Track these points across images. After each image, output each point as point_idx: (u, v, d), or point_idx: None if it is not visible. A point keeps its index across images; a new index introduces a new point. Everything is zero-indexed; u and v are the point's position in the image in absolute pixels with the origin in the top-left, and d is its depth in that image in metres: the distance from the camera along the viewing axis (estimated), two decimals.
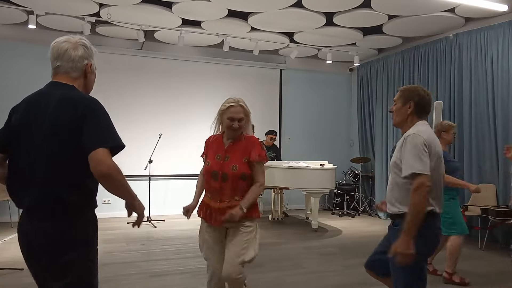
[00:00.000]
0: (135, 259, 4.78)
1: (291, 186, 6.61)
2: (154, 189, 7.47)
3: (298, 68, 9.04)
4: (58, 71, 1.82)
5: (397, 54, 7.90)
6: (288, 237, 6.15)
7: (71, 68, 1.81)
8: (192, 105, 8.17)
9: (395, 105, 2.45)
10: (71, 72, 1.81)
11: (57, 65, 1.81)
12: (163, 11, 6.11)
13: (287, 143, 8.81)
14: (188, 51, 8.13)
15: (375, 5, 5.80)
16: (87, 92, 1.89)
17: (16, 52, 7.08)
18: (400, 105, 2.40)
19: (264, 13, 6.16)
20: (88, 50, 1.86)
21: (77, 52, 1.82)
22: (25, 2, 5.85)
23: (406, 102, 2.38)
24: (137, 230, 6.48)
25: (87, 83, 1.88)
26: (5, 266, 4.20)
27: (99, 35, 7.41)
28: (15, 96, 8.02)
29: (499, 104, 5.87)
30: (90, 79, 1.88)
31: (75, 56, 1.81)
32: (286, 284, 3.99)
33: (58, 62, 1.80)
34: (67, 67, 1.80)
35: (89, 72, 1.86)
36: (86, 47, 1.85)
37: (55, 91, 1.76)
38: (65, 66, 1.80)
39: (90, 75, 1.88)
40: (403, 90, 2.44)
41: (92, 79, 1.90)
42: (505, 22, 5.86)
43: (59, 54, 1.80)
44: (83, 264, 1.72)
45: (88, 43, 1.88)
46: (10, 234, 5.98)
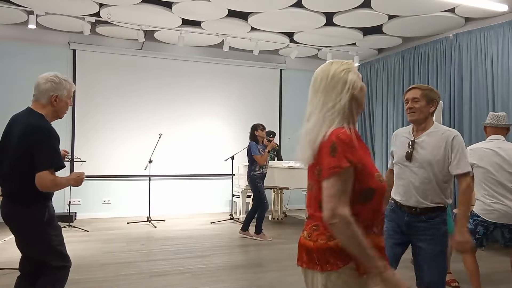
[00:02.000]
0: (135, 259, 4.78)
1: (291, 186, 6.61)
2: (154, 189, 7.47)
3: (298, 68, 9.04)
4: (34, 99, 2.46)
5: (397, 54, 7.90)
6: (288, 237, 6.15)
7: (40, 98, 2.43)
8: (192, 105, 8.17)
9: (417, 102, 2.48)
10: (40, 99, 2.43)
11: (34, 94, 2.45)
12: (163, 11, 6.11)
13: (287, 143, 8.80)
14: (188, 51, 8.13)
15: (375, 5, 5.80)
16: (59, 116, 2.51)
17: (16, 52, 7.08)
18: (425, 103, 2.48)
19: (264, 13, 6.16)
20: (56, 84, 2.42)
21: (45, 86, 2.41)
22: (25, 2, 5.85)
23: (430, 101, 2.49)
24: (137, 230, 6.49)
25: (57, 110, 2.47)
26: (5, 266, 4.21)
27: (99, 35, 7.41)
28: (15, 96, 8.05)
29: (499, 104, 5.87)
30: (58, 106, 2.45)
31: (43, 89, 2.41)
32: (286, 284, 3.99)
33: (34, 92, 2.45)
34: (38, 96, 2.44)
35: (54, 101, 2.43)
36: (54, 82, 2.42)
37: (25, 117, 2.40)
38: (37, 95, 2.44)
39: (58, 103, 2.45)
40: (427, 90, 2.52)
41: (61, 106, 2.46)
42: (505, 22, 5.86)
43: (35, 86, 2.44)
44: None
45: (59, 79, 2.44)
46: (10, 234, 5.96)
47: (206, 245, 5.53)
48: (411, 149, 2.48)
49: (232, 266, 4.58)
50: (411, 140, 2.52)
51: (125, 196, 7.59)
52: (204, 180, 8.27)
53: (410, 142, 2.51)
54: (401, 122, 7.64)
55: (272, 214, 7.52)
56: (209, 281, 4.04)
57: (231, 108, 8.53)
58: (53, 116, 2.47)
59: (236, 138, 8.30)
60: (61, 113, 2.51)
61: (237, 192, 7.61)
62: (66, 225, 6.12)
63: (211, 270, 4.42)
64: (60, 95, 2.44)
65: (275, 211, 7.52)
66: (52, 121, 2.47)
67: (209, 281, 4.05)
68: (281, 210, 7.57)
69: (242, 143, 7.90)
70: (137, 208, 7.59)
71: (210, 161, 8.16)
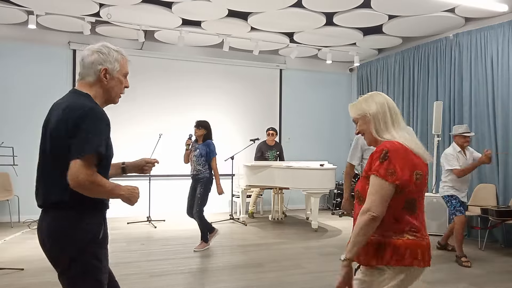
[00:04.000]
0: (135, 259, 4.78)
1: (291, 186, 6.60)
2: (154, 189, 7.47)
3: (298, 68, 9.04)
4: (79, 78, 1.89)
5: (397, 54, 7.90)
6: (288, 237, 6.15)
7: (86, 75, 1.86)
8: (192, 105, 8.17)
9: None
10: (86, 77, 1.86)
11: (79, 72, 1.89)
12: (163, 11, 6.11)
13: (287, 143, 8.80)
14: (188, 51, 8.13)
15: (375, 5, 5.80)
16: (112, 99, 1.93)
17: (16, 52, 7.08)
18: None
19: (264, 13, 6.16)
20: (103, 55, 1.84)
21: (91, 58, 1.84)
22: (25, 2, 5.85)
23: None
24: (137, 230, 6.49)
25: (108, 89, 1.88)
26: (5, 266, 4.20)
27: (99, 35, 7.40)
28: (15, 95, 8.04)
29: (499, 104, 5.87)
30: (109, 84, 1.87)
31: (89, 62, 1.84)
32: (286, 284, 3.99)
33: (80, 69, 1.89)
34: (83, 73, 1.86)
35: (103, 77, 1.85)
36: (101, 52, 1.85)
37: (66, 98, 1.84)
38: (82, 73, 1.87)
39: (109, 81, 1.86)
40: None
41: (112, 84, 1.88)
42: (505, 22, 5.86)
43: (80, 62, 1.89)
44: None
45: (107, 49, 1.87)
46: (10, 234, 5.98)
47: None
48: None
49: (232, 266, 4.58)
50: None
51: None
52: None
53: None
54: None
55: (272, 214, 7.52)
56: (209, 281, 4.04)
57: (231, 108, 8.53)
58: (104, 98, 1.88)
59: (236, 138, 8.30)
60: (114, 94, 1.91)
61: (237, 192, 7.61)
62: None
63: (211, 270, 4.42)
64: (111, 69, 1.85)
65: (275, 211, 7.51)
66: (104, 106, 1.91)
67: (209, 281, 4.05)
68: (281, 210, 7.56)
69: (242, 143, 7.90)
70: (137, 208, 7.57)
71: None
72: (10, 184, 6.77)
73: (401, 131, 1.81)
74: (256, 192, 7.81)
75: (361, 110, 1.87)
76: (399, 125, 1.82)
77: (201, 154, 5.26)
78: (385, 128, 1.81)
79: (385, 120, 1.82)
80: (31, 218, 6.75)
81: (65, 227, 1.74)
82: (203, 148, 5.29)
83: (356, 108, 1.89)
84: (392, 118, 1.82)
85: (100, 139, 1.73)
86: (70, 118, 1.71)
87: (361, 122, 1.88)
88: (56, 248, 1.76)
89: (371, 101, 1.85)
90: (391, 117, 1.82)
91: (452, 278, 4.23)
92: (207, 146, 5.30)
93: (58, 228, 1.75)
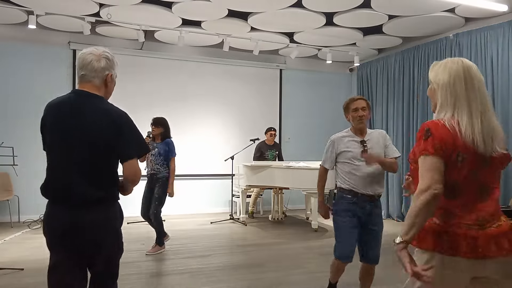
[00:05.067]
0: (135, 259, 4.78)
1: (291, 186, 6.60)
2: None
3: (298, 68, 9.04)
4: (82, 80, 2.05)
5: (397, 54, 7.90)
6: (288, 237, 6.15)
7: (94, 78, 2.04)
8: (192, 105, 8.17)
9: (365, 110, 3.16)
10: (93, 80, 2.04)
11: (82, 74, 2.04)
12: (163, 11, 6.11)
13: (287, 143, 8.81)
14: (188, 51, 8.13)
15: (375, 5, 5.80)
16: (107, 98, 2.14)
17: (16, 52, 7.08)
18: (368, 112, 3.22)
19: (264, 13, 6.16)
20: (109, 61, 2.09)
21: (100, 64, 2.04)
22: (25, 2, 5.84)
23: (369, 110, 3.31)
24: (137, 230, 6.48)
25: (108, 92, 2.14)
26: (5, 266, 4.20)
27: (99, 35, 7.40)
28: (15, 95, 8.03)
29: (499, 104, 5.87)
30: (110, 87, 2.13)
31: (98, 67, 2.04)
32: (286, 284, 3.99)
33: (82, 71, 2.04)
34: (89, 76, 2.03)
35: (109, 81, 2.10)
36: (108, 59, 2.08)
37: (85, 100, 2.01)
38: (88, 76, 2.03)
39: (110, 84, 2.12)
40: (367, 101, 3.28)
41: (111, 87, 2.15)
42: (505, 22, 5.86)
43: (84, 64, 2.03)
44: None
45: (111, 56, 2.12)
46: (10, 234, 5.98)
47: (206, 245, 5.53)
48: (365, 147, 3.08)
49: (232, 266, 4.58)
50: (360, 140, 3.11)
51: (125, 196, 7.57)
52: (204, 180, 8.26)
53: (360, 141, 3.11)
54: (401, 121, 7.65)
55: (272, 214, 7.52)
56: (209, 281, 4.04)
57: (231, 108, 8.53)
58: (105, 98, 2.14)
59: (236, 138, 8.31)
60: (110, 95, 2.18)
61: (237, 192, 7.61)
62: None
63: (211, 270, 4.42)
64: (114, 74, 2.13)
65: (275, 211, 7.51)
66: None
67: (209, 281, 4.05)
68: (281, 210, 7.56)
69: (242, 143, 7.90)
70: (137, 208, 7.57)
71: (210, 161, 8.17)
72: (10, 184, 6.77)
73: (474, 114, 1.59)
74: (256, 192, 7.81)
75: (432, 76, 1.71)
76: (476, 105, 1.60)
77: (159, 153, 5.06)
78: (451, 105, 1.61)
79: (456, 95, 1.61)
80: (31, 218, 6.76)
81: (111, 219, 2.06)
82: (161, 147, 5.09)
83: (432, 71, 1.73)
84: (468, 95, 1.61)
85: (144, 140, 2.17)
86: (115, 122, 1.97)
87: (429, 87, 1.74)
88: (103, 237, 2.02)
89: (445, 69, 1.67)
90: (467, 93, 1.61)
91: None
92: (167, 145, 5.10)
93: (106, 221, 2.02)
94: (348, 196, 3.09)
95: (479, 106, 1.60)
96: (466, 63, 1.66)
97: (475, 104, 1.60)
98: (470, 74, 1.63)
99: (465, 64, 1.65)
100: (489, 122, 1.61)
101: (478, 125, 1.57)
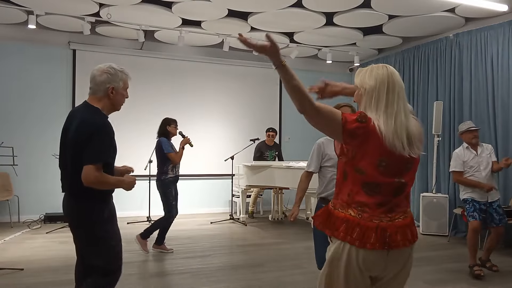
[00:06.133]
0: (135, 259, 4.78)
1: (291, 186, 6.60)
2: (154, 189, 7.45)
3: (298, 68, 8.98)
4: (90, 92, 2.40)
5: (397, 54, 7.90)
6: (288, 237, 6.14)
7: (97, 91, 2.37)
8: (192, 105, 8.17)
9: None
10: (97, 92, 2.37)
11: (90, 87, 2.39)
12: (163, 11, 6.11)
13: (287, 143, 8.81)
14: (188, 51, 8.13)
15: (375, 5, 5.80)
16: (116, 108, 2.46)
17: (16, 52, 7.08)
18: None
19: (264, 13, 6.16)
20: (111, 76, 2.36)
21: (101, 78, 2.35)
22: (25, 2, 5.84)
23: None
24: (137, 230, 6.48)
25: (113, 102, 2.41)
26: (5, 266, 4.20)
27: (99, 35, 7.41)
28: (15, 95, 8.01)
29: (499, 104, 5.87)
30: (115, 98, 2.40)
31: (99, 81, 2.35)
32: (286, 284, 3.99)
33: (90, 85, 2.39)
34: (94, 89, 2.38)
35: (112, 93, 2.37)
36: (110, 73, 2.36)
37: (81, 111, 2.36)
38: (93, 89, 2.38)
39: (115, 96, 2.39)
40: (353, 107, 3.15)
41: (117, 98, 2.41)
42: (505, 22, 5.86)
43: (91, 78, 2.39)
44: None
45: (114, 70, 2.39)
46: (10, 234, 5.98)
47: (206, 245, 5.53)
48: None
49: (232, 266, 4.58)
50: None
51: (125, 196, 7.56)
52: (204, 180, 8.26)
53: None
54: None
55: (272, 214, 7.52)
56: (209, 281, 4.04)
57: (231, 108, 8.53)
58: (110, 109, 2.43)
59: (236, 138, 8.31)
60: (118, 105, 2.45)
61: (237, 192, 7.60)
62: (66, 225, 6.14)
63: (211, 270, 4.42)
64: (117, 87, 2.38)
65: (275, 211, 7.51)
66: (109, 113, 2.44)
67: (209, 281, 4.05)
68: (281, 210, 7.56)
69: (242, 143, 7.90)
70: (137, 208, 7.59)
71: (210, 161, 8.16)
72: (10, 184, 6.77)
73: (389, 115, 1.69)
74: (256, 192, 7.81)
75: (359, 82, 1.81)
76: (392, 108, 1.70)
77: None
78: (374, 108, 1.72)
79: (378, 99, 1.72)
80: (31, 218, 6.76)
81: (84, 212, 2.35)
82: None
83: (358, 77, 1.85)
84: (388, 98, 1.71)
85: (108, 151, 2.32)
86: (85, 131, 2.23)
87: (356, 92, 1.85)
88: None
89: (371, 75, 1.78)
90: (387, 96, 1.71)
91: (452, 278, 4.23)
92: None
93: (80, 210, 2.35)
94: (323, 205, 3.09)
95: (395, 109, 1.69)
96: (391, 69, 1.79)
97: (391, 107, 1.69)
98: (393, 80, 1.74)
99: (389, 70, 1.78)
100: (404, 124, 1.69)
101: (392, 125, 1.66)
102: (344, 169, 1.77)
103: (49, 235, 5.99)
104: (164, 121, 5.32)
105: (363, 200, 1.70)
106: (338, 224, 1.72)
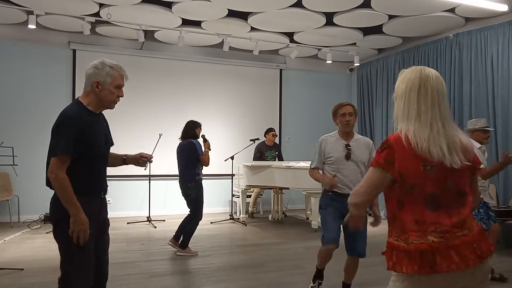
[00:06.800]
0: (135, 259, 4.78)
1: (291, 186, 6.60)
2: (154, 189, 7.47)
3: (298, 68, 9.04)
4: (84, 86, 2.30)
5: (397, 54, 7.90)
6: (288, 237, 6.14)
7: (86, 85, 2.27)
8: (192, 105, 8.16)
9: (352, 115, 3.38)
10: (86, 87, 2.27)
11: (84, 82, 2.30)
12: (163, 11, 6.11)
13: (287, 143, 8.80)
14: (188, 51, 8.13)
15: (375, 5, 5.80)
16: (105, 105, 2.31)
17: (16, 52, 7.08)
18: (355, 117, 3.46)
19: (264, 13, 6.16)
20: (97, 70, 2.23)
21: (89, 71, 2.26)
22: (25, 2, 5.84)
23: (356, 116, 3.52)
24: (137, 230, 6.49)
25: (100, 98, 2.26)
26: (5, 266, 4.20)
27: (99, 35, 7.41)
28: (15, 95, 8.00)
29: (499, 104, 5.87)
30: (101, 94, 2.25)
31: (87, 74, 2.26)
32: (286, 284, 3.99)
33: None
34: (85, 84, 2.28)
35: (97, 88, 2.23)
36: (97, 67, 2.24)
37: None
38: (85, 83, 2.28)
39: (100, 92, 2.24)
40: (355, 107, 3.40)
41: (102, 94, 2.25)
42: (505, 22, 5.86)
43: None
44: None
45: (102, 65, 2.25)
46: (10, 234, 5.98)
47: (206, 245, 5.52)
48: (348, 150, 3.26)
49: (232, 266, 4.58)
50: (345, 144, 3.28)
51: (125, 196, 7.59)
52: (204, 180, 8.23)
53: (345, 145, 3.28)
54: None
55: (272, 214, 7.52)
56: (209, 281, 4.04)
57: (231, 108, 8.53)
58: (97, 105, 2.27)
59: (236, 138, 8.30)
60: (106, 102, 2.27)
61: (237, 192, 7.60)
62: None
63: (211, 270, 4.42)
64: (102, 82, 2.22)
65: (275, 211, 7.51)
66: (98, 110, 2.30)
67: (209, 281, 4.05)
68: (281, 210, 7.56)
69: (242, 143, 7.90)
70: (137, 208, 7.59)
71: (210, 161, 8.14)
72: (10, 184, 6.77)
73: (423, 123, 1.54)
74: (256, 192, 7.81)
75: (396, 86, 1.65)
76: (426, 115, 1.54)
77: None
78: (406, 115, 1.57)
79: (409, 105, 1.57)
80: (31, 218, 6.76)
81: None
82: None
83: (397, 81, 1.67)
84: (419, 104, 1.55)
85: (71, 144, 2.11)
86: (55, 123, 2.18)
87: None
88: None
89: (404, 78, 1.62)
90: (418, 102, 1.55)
91: None
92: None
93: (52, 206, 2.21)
94: (329, 194, 3.29)
95: (429, 116, 1.54)
96: (426, 72, 1.59)
97: (424, 114, 1.54)
98: (425, 84, 1.57)
99: (424, 73, 1.59)
100: (441, 132, 1.55)
101: (427, 132, 1.52)
102: (397, 198, 1.57)
103: (49, 235, 5.98)
104: (191, 123, 5.27)
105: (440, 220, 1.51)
106: (429, 257, 1.48)
